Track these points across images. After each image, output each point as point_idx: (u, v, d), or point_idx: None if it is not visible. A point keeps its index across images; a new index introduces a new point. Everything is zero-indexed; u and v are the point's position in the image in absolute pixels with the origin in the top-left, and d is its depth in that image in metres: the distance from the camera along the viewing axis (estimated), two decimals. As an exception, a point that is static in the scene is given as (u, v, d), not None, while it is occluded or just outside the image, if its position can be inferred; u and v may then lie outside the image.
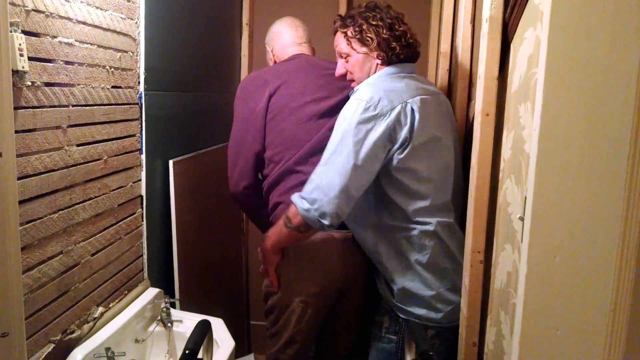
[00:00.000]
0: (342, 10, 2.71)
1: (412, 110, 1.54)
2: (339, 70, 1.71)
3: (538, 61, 1.09)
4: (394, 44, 1.61)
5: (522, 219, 0.95)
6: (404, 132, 1.53)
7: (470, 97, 1.87)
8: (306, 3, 2.76)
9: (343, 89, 1.80)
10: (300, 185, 1.70)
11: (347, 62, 1.68)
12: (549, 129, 0.75)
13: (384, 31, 1.61)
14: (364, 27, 1.62)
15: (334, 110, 1.74)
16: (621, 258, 0.62)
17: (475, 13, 1.74)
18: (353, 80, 1.71)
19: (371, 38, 1.61)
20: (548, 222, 0.74)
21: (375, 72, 1.66)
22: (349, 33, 1.64)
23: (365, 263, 1.78)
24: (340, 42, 1.68)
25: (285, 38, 1.97)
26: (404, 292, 1.61)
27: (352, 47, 1.65)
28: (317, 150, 1.71)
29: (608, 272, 0.63)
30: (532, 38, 1.22)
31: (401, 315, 1.63)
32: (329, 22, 2.71)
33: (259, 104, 1.76)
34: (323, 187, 1.48)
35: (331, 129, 1.72)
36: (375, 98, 1.52)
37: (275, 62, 1.99)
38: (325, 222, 1.48)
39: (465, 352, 1.53)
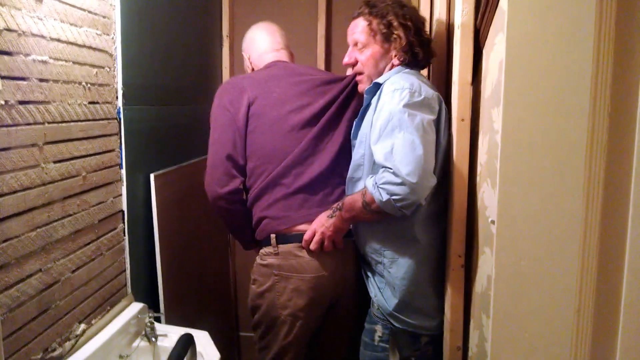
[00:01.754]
0: (322, 19, 2.74)
1: (441, 102, 1.53)
2: (349, 59, 1.67)
3: (507, 66, 1.10)
4: (417, 49, 1.60)
5: (493, 222, 0.96)
6: (439, 122, 1.52)
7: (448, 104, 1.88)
8: (286, 14, 2.78)
9: (325, 93, 1.77)
10: (283, 199, 1.70)
11: (360, 52, 1.64)
12: (511, 134, 0.76)
13: (412, 33, 1.59)
14: (394, 23, 1.58)
15: (317, 117, 1.74)
16: (583, 260, 0.63)
17: (450, 20, 1.76)
18: (359, 74, 1.68)
19: (399, 37, 1.58)
20: (514, 226, 0.75)
21: (388, 70, 1.63)
22: (374, 24, 1.60)
23: (357, 269, 1.76)
24: (360, 31, 1.63)
25: (262, 44, 1.92)
26: (405, 303, 1.58)
27: (373, 39, 1.61)
28: (300, 162, 1.70)
29: (571, 275, 0.64)
30: (502, 43, 1.23)
31: (395, 325, 1.61)
32: (309, 30, 2.76)
33: (238, 112, 1.71)
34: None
35: (314, 139, 1.72)
36: (415, 84, 1.49)
37: (252, 69, 1.94)
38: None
39: (449, 356, 1.54)
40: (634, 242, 0.60)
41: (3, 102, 1.18)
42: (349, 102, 1.82)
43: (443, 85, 1.82)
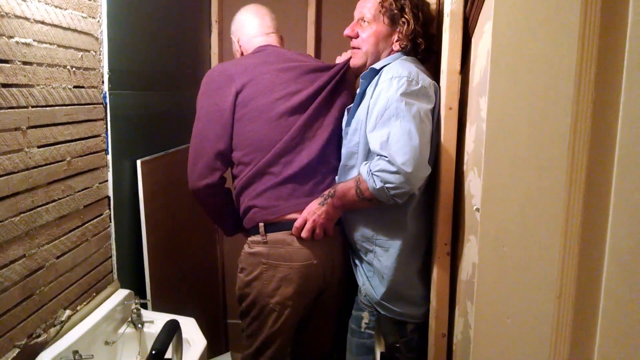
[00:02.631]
0: (312, 5, 2.71)
1: (437, 91, 1.53)
2: (350, 31, 1.66)
3: (494, 54, 1.10)
4: (420, 39, 1.60)
5: (479, 210, 0.96)
6: (434, 111, 1.52)
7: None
8: (274, 0, 2.75)
9: (314, 80, 1.75)
10: (272, 188, 1.68)
11: (363, 28, 1.64)
12: (496, 123, 0.76)
13: (420, 23, 1.59)
14: (406, 8, 1.59)
15: (305, 105, 1.71)
16: (564, 247, 0.64)
17: (440, 8, 1.75)
18: (355, 48, 1.67)
19: (407, 21, 1.58)
20: (497, 213, 0.75)
21: (386, 54, 1.64)
22: (386, 3, 1.60)
23: (345, 256, 1.77)
24: (370, 6, 1.63)
25: (252, 28, 1.89)
26: (393, 292, 1.59)
27: (380, 18, 1.61)
28: (289, 150, 1.68)
29: (553, 261, 0.64)
30: (490, 32, 1.23)
31: (382, 312, 1.62)
32: (300, 15, 2.74)
33: (225, 102, 1.68)
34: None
35: (303, 126, 1.70)
36: (413, 73, 1.50)
37: (241, 53, 1.91)
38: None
39: (435, 343, 1.55)
40: (614, 229, 0.61)
41: (-15, 85, 1.17)
42: (338, 90, 1.80)
43: (432, 73, 1.82)
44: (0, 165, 1.23)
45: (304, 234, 1.63)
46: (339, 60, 1.92)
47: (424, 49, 1.63)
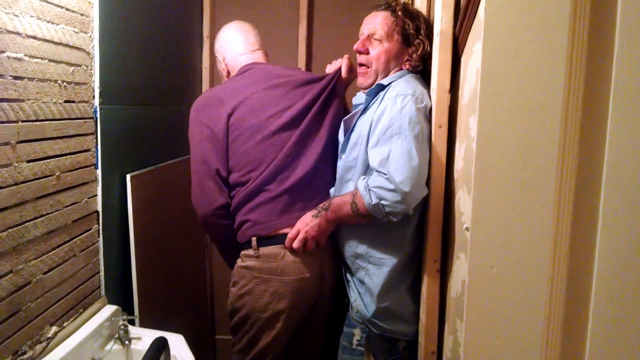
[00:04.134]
0: (304, 22, 2.74)
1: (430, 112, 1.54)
2: (361, 46, 1.64)
3: (484, 75, 1.12)
4: (429, 60, 1.60)
5: (468, 229, 0.97)
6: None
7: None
8: (267, 16, 2.77)
9: (305, 93, 1.75)
10: (266, 203, 1.68)
11: (373, 45, 1.63)
12: (485, 142, 0.77)
13: (428, 45, 1.60)
14: (422, 30, 1.60)
15: (298, 119, 1.72)
16: (553, 268, 0.64)
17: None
18: (364, 66, 1.66)
19: (422, 43, 1.59)
20: (487, 233, 0.76)
21: (394, 71, 1.64)
22: (402, 23, 1.59)
23: (336, 271, 1.76)
24: (383, 23, 1.61)
25: (237, 46, 1.88)
26: (384, 309, 1.58)
27: (393, 36, 1.60)
28: (284, 167, 1.68)
29: (541, 282, 0.65)
30: (480, 51, 1.25)
31: (373, 330, 1.61)
32: (291, 32, 2.76)
33: (217, 125, 1.68)
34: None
35: (297, 142, 1.69)
36: (418, 91, 1.51)
37: (228, 71, 1.91)
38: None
39: (424, 360, 1.55)
40: (602, 250, 0.61)
41: (-25, 100, 1.16)
42: (330, 102, 1.80)
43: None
44: (-12, 180, 1.22)
45: (295, 245, 1.63)
46: (329, 69, 1.92)
47: (425, 68, 1.64)
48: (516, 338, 0.68)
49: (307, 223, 1.62)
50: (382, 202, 1.43)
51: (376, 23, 1.63)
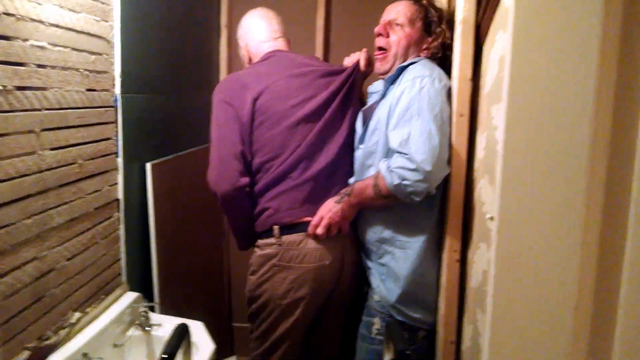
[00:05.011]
0: (321, 10, 2.72)
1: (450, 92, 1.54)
2: (382, 29, 1.66)
3: (508, 63, 1.10)
4: (449, 52, 1.62)
5: (492, 218, 0.96)
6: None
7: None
8: (285, 4, 2.75)
9: (328, 84, 1.76)
10: (288, 191, 1.69)
11: (394, 30, 1.64)
12: (514, 130, 0.76)
13: (449, 35, 1.61)
14: (444, 19, 1.62)
15: (321, 109, 1.73)
16: (582, 257, 0.63)
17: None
18: (382, 49, 1.67)
19: (444, 32, 1.61)
20: (515, 222, 0.75)
21: (412, 58, 1.64)
22: (424, 11, 1.61)
23: (355, 258, 1.77)
24: (405, 10, 1.63)
25: (260, 33, 1.89)
26: (408, 294, 1.59)
27: (414, 23, 1.62)
28: (307, 156, 1.69)
29: (570, 272, 0.64)
30: (503, 40, 1.24)
31: (395, 316, 1.62)
32: (308, 20, 2.74)
33: (243, 108, 1.68)
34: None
35: (320, 132, 1.71)
36: (435, 72, 1.53)
37: (250, 58, 1.92)
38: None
39: (443, 350, 1.55)
40: (634, 239, 0.61)
41: (1, 87, 1.17)
42: (351, 94, 1.81)
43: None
44: (13, 167, 1.24)
45: (319, 231, 1.64)
46: (347, 61, 1.92)
47: (445, 59, 1.64)
48: (544, 328, 0.68)
49: (329, 209, 1.63)
50: (404, 182, 1.44)
51: (399, 10, 1.65)
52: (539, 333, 0.69)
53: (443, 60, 1.65)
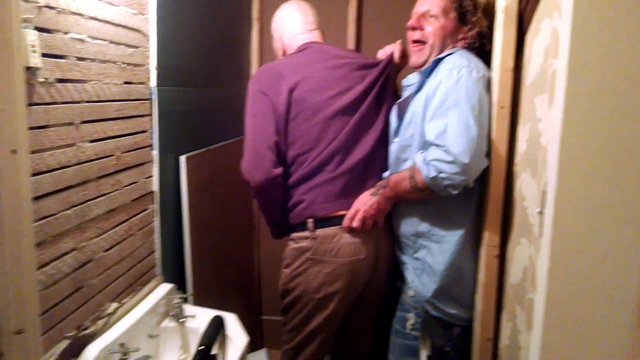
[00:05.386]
0: (353, 2, 2.69)
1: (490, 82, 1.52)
2: (415, 22, 1.64)
3: (555, 52, 1.07)
4: (485, 41, 1.60)
5: (541, 213, 0.93)
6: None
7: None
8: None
9: (363, 77, 1.75)
10: (323, 184, 1.68)
11: (429, 22, 1.62)
12: (571, 122, 0.73)
13: (485, 24, 1.59)
14: (479, 10, 1.60)
15: (357, 102, 1.71)
16: (647, 253, 0.61)
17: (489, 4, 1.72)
18: (420, 42, 1.64)
19: (480, 20, 1.58)
20: (570, 217, 0.72)
21: (449, 49, 1.62)
22: (461, 2, 1.59)
23: (390, 252, 1.75)
24: (439, 2, 1.61)
25: (295, 25, 1.88)
26: (444, 289, 1.57)
27: (448, 13, 1.60)
28: (343, 149, 1.68)
29: (632, 268, 0.61)
30: (549, 29, 1.20)
31: (432, 312, 1.60)
32: (340, 13, 2.72)
33: (279, 98, 1.67)
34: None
35: (356, 125, 1.70)
36: (473, 63, 1.50)
37: (284, 50, 1.91)
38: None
39: (479, 347, 1.53)
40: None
41: (42, 80, 1.19)
42: (386, 87, 1.79)
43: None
44: (54, 159, 1.25)
45: (355, 224, 1.63)
46: (381, 54, 1.90)
47: (486, 47, 1.60)
48: (603, 326, 0.65)
49: (365, 202, 1.62)
50: (441, 174, 1.41)
51: (432, 1, 1.62)
52: (598, 330, 0.66)
53: (481, 49, 1.62)
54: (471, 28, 1.60)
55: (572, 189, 0.72)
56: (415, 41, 1.66)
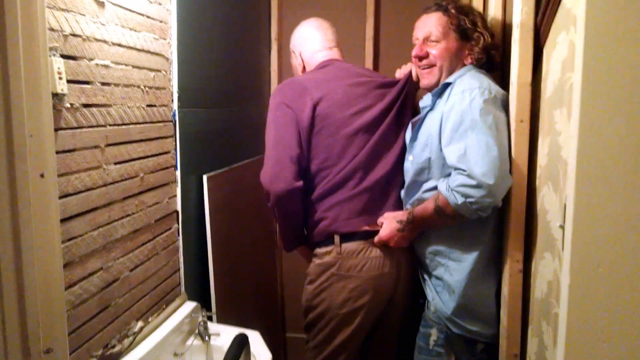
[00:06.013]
0: (370, 21, 2.72)
1: (506, 102, 1.51)
2: (419, 51, 1.64)
3: (573, 65, 1.07)
4: (493, 51, 1.61)
5: (562, 227, 0.93)
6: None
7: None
8: (334, 15, 2.76)
9: (384, 95, 1.77)
10: (346, 201, 1.69)
11: (432, 46, 1.62)
12: (588, 135, 0.73)
13: (488, 36, 1.60)
14: (478, 22, 1.60)
15: (379, 120, 1.74)
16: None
17: (505, 19, 1.72)
18: (430, 66, 1.64)
19: (482, 35, 1.59)
20: (590, 230, 0.72)
21: (458, 68, 1.62)
22: (456, 20, 1.59)
23: (411, 266, 1.76)
24: (437, 24, 1.61)
25: (315, 42, 1.90)
26: (464, 307, 1.56)
27: (449, 34, 1.60)
28: (364, 165, 1.70)
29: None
30: (565, 42, 1.20)
31: (453, 329, 1.59)
32: (357, 31, 2.75)
33: (303, 112, 1.68)
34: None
35: (378, 142, 1.71)
36: (484, 84, 1.49)
37: (304, 67, 1.93)
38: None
39: (506, 363, 1.50)
40: None
41: (69, 105, 1.23)
42: (405, 105, 1.82)
43: (498, 85, 1.78)
44: (81, 181, 1.29)
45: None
46: (399, 73, 1.92)
47: (496, 59, 1.62)
48: (626, 340, 0.64)
49: (392, 236, 1.65)
50: (469, 199, 1.40)
51: (430, 25, 1.62)
52: (619, 348, 0.65)
53: (490, 62, 1.63)
54: (475, 45, 1.60)
55: (591, 202, 0.72)
56: (424, 66, 1.66)
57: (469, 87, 1.48)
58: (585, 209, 0.72)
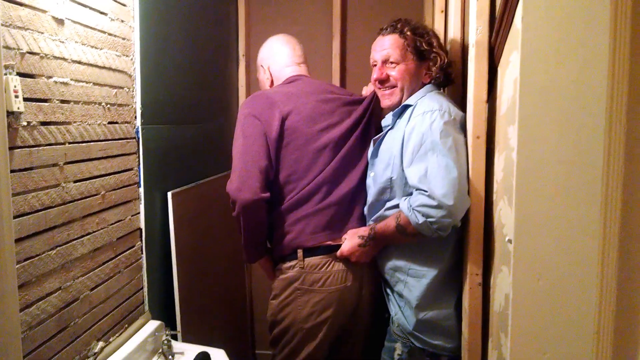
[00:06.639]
0: (337, 37, 2.76)
1: (464, 122, 1.55)
2: (380, 74, 1.66)
3: (522, 84, 1.10)
4: (449, 69, 1.65)
5: (510, 241, 0.95)
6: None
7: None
8: (302, 32, 2.79)
9: (350, 112, 1.80)
10: (310, 215, 1.71)
11: (392, 68, 1.65)
12: (527, 152, 0.76)
13: (444, 55, 1.64)
14: (434, 43, 1.64)
15: (346, 136, 1.76)
16: (602, 279, 0.62)
17: (464, 39, 1.77)
18: (392, 87, 1.66)
19: (438, 56, 1.63)
20: (531, 244, 0.74)
21: (417, 88, 1.66)
22: (412, 42, 1.62)
23: (373, 277, 1.77)
24: (395, 46, 1.64)
25: (284, 57, 1.92)
26: (425, 322, 1.58)
27: (407, 55, 1.63)
28: (330, 180, 1.72)
29: (590, 295, 0.63)
30: (517, 61, 1.23)
31: (416, 344, 1.60)
32: (324, 47, 2.78)
33: (271, 124, 1.68)
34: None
35: (344, 158, 1.74)
36: (444, 106, 1.53)
37: (272, 81, 1.94)
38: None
39: (468, 376, 1.52)
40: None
41: (25, 124, 1.21)
42: (370, 123, 1.86)
43: (459, 103, 1.82)
44: (38, 200, 1.27)
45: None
46: (365, 91, 1.96)
47: (450, 77, 1.67)
48: (564, 353, 0.66)
49: (353, 252, 1.66)
50: (429, 219, 1.43)
51: (387, 47, 1.66)
52: (559, 358, 0.67)
53: (447, 79, 1.68)
54: (432, 64, 1.65)
55: (531, 217, 0.74)
56: (385, 88, 1.69)
57: (430, 109, 1.52)
58: (524, 224, 0.74)
